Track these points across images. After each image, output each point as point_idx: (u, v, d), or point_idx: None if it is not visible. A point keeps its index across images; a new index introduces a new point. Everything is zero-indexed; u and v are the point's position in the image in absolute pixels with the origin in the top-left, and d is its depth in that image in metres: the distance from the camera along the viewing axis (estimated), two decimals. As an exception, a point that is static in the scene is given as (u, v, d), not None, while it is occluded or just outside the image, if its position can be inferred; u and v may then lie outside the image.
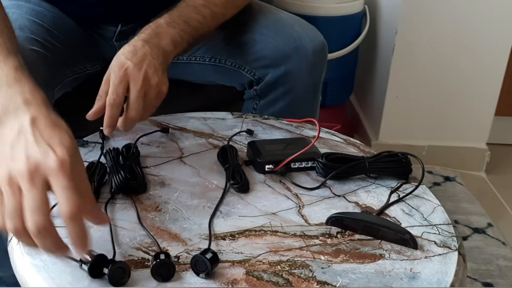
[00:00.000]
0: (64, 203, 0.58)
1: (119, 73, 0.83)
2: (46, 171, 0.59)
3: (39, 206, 0.58)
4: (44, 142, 0.60)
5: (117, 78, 0.82)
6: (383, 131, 1.90)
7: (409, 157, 0.85)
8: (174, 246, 0.67)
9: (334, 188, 0.81)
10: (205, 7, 0.96)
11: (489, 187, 1.87)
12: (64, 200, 0.58)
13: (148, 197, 0.76)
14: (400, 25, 1.75)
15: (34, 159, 0.59)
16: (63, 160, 0.59)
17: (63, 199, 0.58)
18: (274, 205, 0.76)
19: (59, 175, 0.58)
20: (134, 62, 0.83)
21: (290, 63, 1.02)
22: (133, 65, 0.83)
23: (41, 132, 0.61)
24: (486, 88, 1.84)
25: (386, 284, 0.63)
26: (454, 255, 0.69)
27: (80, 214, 0.59)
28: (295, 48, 1.02)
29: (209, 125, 0.96)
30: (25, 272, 0.63)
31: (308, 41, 1.04)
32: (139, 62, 0.84)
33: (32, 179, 0.58)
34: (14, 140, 0.61)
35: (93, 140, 0.88)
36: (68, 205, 0.58)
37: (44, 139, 0.61)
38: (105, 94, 0.84)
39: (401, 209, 0.77)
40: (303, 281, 0.63)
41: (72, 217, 0.59)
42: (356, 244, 0.70)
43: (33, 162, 0.59)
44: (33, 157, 0.59)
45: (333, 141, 0.94)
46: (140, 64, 0.84)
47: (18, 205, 0.59)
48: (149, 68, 0.84)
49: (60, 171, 0.58)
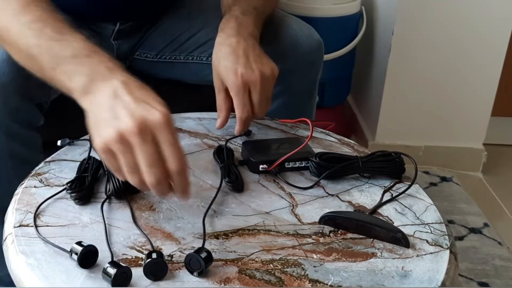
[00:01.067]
0: (172, 157, 0.62)
1: (237, 82, 0.85)
2: (153, 126, 0.61)
3: (155, 159, 0.62)
4: (142, 101, 0.63)
5: (240, 90, 0.85)
6: (380, 131, 1.90)
7: (403, 156, 0.85)
8: (167, 245, 0.67)
9: (327, 188, 0.81)
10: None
11: (485, 187, 1.87)
12: (172, 154, 0.62)
13: (143, 196, 0.76)
14: (397, 26, 1.76)
15: (139, 116, 0.62)
16: (166, 115, 0.62)
17: (170, 153, 0.62)
18: (267, 204, 0.77)
19: (165, 129, 0.62)
20: (242, 63, 0.86)
21: (287, 61, 1.03)
22: (244, 68, 0.85)
23: (135, 93, 0.64)
24: (482, 89, 1.85)
25: (377, 283, 0.64)
26: (445, 254, 0.69)
27: (186, 167, 0.63)
28: (291, 46, 1.03)
29: (204, 125, 0.96)
30: (19, 271, 0.63)
31: (304, 40, 1.04)
32: (246, 61, 0.86)
33: (142, 134, 0.61)
34: (112, 103, 0.64)
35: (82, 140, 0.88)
36: (176, 159, 0.62)
37: (141, 98, 0.64)
38: (224, 103, 0.89)
39: (394, 208, 0.78)
40: (295, 279, 0.64)
41: (180, 171, 0.63)
42: (349, 242, 0.70)
43: (139, 118, 0.61)
44: (138, 114, 0.62)
45: (327, 141, 0.94)
46: (249, 64, 0.86)
47: (134, 161, 0.62)
48: (257, 62, 0.87)
49: (166, 125, 0.62)
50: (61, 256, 0.64)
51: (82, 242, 0.64)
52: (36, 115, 0.93)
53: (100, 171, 0.79)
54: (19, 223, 0.69)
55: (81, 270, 0.62)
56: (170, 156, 0.62)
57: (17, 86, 0.88)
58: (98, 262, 0.63)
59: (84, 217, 0.71)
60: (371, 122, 1.97)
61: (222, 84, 0.89)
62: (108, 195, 0.74)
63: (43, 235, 0.67)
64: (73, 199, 0.74)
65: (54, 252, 0.65)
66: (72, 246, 0.63)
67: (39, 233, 0.67)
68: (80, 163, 0.80)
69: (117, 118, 0.62)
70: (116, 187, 0.74)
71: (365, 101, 2.06)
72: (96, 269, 0.62)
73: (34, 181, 0.78)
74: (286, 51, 1.03)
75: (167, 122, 0.62)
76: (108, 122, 0.63)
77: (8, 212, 0.73)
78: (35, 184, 0.77)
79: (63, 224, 0.70)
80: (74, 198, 0.74)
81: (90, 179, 0.76)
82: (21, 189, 0.76)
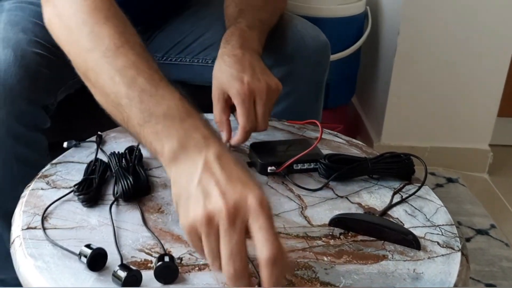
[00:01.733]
0: (267, 246, 0.54)
1: (243, 90, 0.81)
2: (247, 212, 0.55)
3: (240, 251, 0.55)
4: (237, 180, 0.57)
5: (245, 99, 0.81)
6: (385, 132, 1.89)
7: (412, 158, 0.84)
8: (177, 248, 0.67)
9: (337, 189, 0.81)
10: (267, 4, 0.98)
11: (492, 188, 1.86)
12: (266, 242, 0.54)
13: (151, 198, 0.76)
14: (402, 26, 1.75)
15: (233, 199, 0.55)
16: (263, 200, 0.55)
17: (264, 241, 0.54)
18: (276, 206, 0.76)
19: (260, 216, 0.54)
20: (248, 73, 0.83)
21: (293, 63, 1.02)
22: (251, 77, 0.82)
23: (229, 170, 0.58)
24: (488, 89, 1.84)
25: (389, 285, 0.63)
26: (457, 256, 0.69)
27: (282, 257, 0.55)
28: (297, 47, 1.03)
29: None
30: (28, 274, 0.63)
31: (310, 41, 1.04)
32: (252, 72, 0.83)
33: (233, 221, 0.54)
34: (201, 177, 0.57)
35: (89, 142, 0.88)
36: (272, 248, 0.54)
37: (234, 177, 0.57)
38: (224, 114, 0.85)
39: (404, 210, 0.77)
40: (306, 282, 0.63)
41: (274, 261, 0.54)
42: (359, 245, 0.70)
43: (232, 202, 0.55)
44: (231, 197, 0.55)
45: (335, 142, 0.94)
46: (255, 74, 0.83)
47: (218, 248, 0.55)
48: (263, 74, 0.84)
49: (262, 211, 0.55)
50: (70, 259, 0.63)
51: (91, 244, 0.63)
52: (42, 117, 0.92)
53: (107, 173, 0.79)
54: (27, 225, 0.69)
55: (90, 273, 0.62)
56: (264, 243, 0.54)
57: (24, 89, 0.87)
58: (107, 265, 0.63)
59: (92, 220, 0.71)
60: (376, 123, 1.96)
61: (222, 94, 0.85)
62: (116, 197, 0.74)
63: (51, 238, 0.66)
64: (80, 201, 0.73)
65: (62, 254, 0.64)
66: (81, 248, 0.63)
67: (47, 235, 0.67)
68: (87, 165, 0.80)
69: (207, 197, 0.56)
70: (125, 189, 0.74)
71: (370, 102, 2.05)
72: (105, 272, 0.62)
73: (41, 183, 0.77)
74: (293, 52, 1.02)
75: (264, 207, 0.55)
76: (197, 200, 0.56)
77: (16, 214, 0.72)
78: (42, 186, 0.77)
79: (71, 226, 0.69)
80: (81, 200, 0.73)
81: (98, 181, 0.76)
82: (28, 191, 0.76)
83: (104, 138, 0.89)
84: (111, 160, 0.80)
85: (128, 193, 0.74)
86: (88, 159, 0.83)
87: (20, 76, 0.87)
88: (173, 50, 1.14)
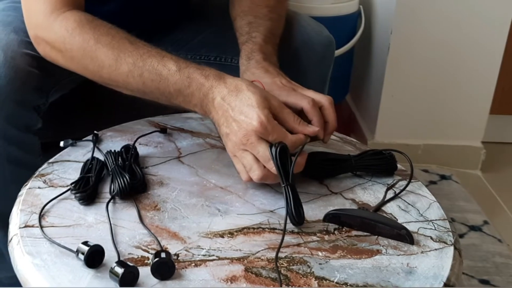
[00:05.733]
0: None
1: (312, 102, 0.81)
2: None
3: None
4: None
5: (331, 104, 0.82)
6: (379, 130, 1.90)
7: (399, 154, 0.85)
8: (173, 244, 0.67)
9: (331, 186, 0.82)
10: (271, 13, 0.99)
11: (484, 185, 1.88)
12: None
13: (147, 196, 0.76)
14: (395, 25, 1.76)
15: None
16: None
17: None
18: (271, 202, 0.77)
19: None
20: (285, 80, 0.85)
21: (299, 58, 1.03)
22: (313, 93, 0.83)
23: None
24: (481, 87, 1.85)
25: (383, 279, 0.64)
26: (450, 250, 0.70)
27: None
28: (302, 43, 1.03)
29: (206, 125, 0.96)
30: (25, 272, 0.64)
31: (315, 36, 1.05)
32: (287, 81, 0.85)
33: None
34: None
35: (86, 141, 0.88)
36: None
37: None
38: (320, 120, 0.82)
39: (398, 206, 0.78)
40: (301, 277, 0.64)
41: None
42: (353, 240, 0.71)
43: None
44: None
45: (329, 140, 0.94)
46: (287, 81, 0.85)
47: None
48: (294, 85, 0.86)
49: None
50: (67, 256, 0.64)
51: (88, 242, 0.64)
52: (33, 118, 0.92)
53: (103, 171, 0.80)
54: (24, 224, 0.70)
55: (88, 270, 0.62)
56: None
57: (14, 91, 0.87)
58: (105, 262, 0.63)
59: (89, 217, 0.71)
60: (370, 121, 1.98)
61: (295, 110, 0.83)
62: (113, 195, 0.75)
63: (49, 236, 0.67)
64: (77, 200, 0.74)
65: (60, 252, 0.65)
66: (78, 246, 0.63)
67: (45, 233, 0.67)
68: (83, 164, 0.80)
69: None
70: (121, 187, 0.74)
71: (364, 101, 2.06)
72: (103, 269, 0.63)
73: (38, 182, 0.78)
74: (298, 48, 1.03)
75: None
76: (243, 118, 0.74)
77: (13, 213, 0.73)
78: (39, 185, 0.77)
79: (68, 224, 0.70)
80: (78, 198, 0.74)
81: (94, 180, 0.77)
82: (25, 190, 0.76)
83: (101, 137, 0.90)
84: (108, 158, 0.80)
85: (125, 191, 0.74)
86: (85, 158, 0.83)
87: (10, 78, 0.86)
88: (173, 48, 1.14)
